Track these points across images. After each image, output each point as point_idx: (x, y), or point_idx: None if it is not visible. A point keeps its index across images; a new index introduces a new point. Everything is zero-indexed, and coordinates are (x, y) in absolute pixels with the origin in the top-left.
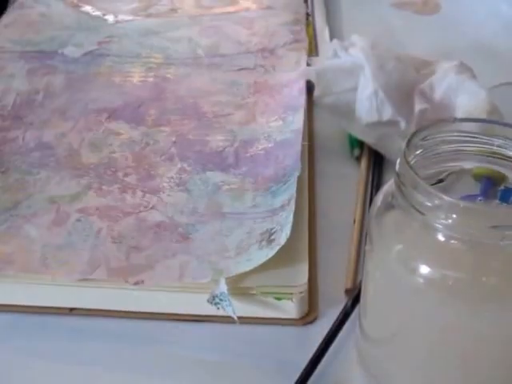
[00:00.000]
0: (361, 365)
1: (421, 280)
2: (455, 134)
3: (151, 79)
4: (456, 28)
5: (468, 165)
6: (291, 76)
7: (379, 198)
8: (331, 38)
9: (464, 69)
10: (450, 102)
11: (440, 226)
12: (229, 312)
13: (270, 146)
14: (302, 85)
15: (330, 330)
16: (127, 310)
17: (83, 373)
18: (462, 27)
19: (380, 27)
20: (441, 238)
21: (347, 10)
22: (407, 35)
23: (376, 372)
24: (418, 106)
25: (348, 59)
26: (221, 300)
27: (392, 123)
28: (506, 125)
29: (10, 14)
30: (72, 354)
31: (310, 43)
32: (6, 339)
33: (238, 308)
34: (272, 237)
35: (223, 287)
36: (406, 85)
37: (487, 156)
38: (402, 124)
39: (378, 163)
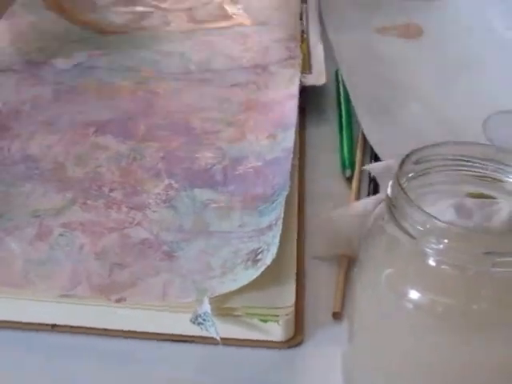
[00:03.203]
0: None
1: (410, 305)
2: (448, 157)
3: (141, 93)
4: (441, 49)
5: (460, 188)
6: (283, 94)
7: (370, 221)
8: (325, 55)
9: None
10: None
11: (431, 251)
12: (212, 333)
13: (259, 164)
14: (294, 103)
15: None
16: (109, 327)
17: None
18: (447, 48)
19: (367, 52)
20: (431, 262)
21: (332, 35)
22: (394, 59)
23: None
24: None
25: None
26: (204, 320)
27: None
28: (500, 149)
29: (0, 24)
30: (53, 371)
31: (303, 60)
32: None
33: (223, 329)
34: (258, 257)
35: (206, 307)
36: None
37: (480, 180)
38: None
39: (371, 186)
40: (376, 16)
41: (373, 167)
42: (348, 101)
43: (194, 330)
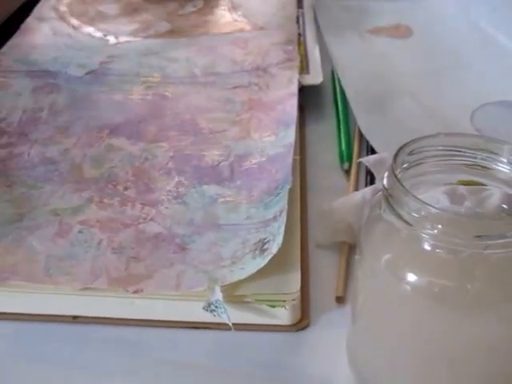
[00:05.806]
0: (352, 368)
1: (408, 287)
2: (440, 147)
3: (150, 97)
4: (430, 47)
5: (451, 177)
6: (284, 93)
7: (368, 210)
8: (321, 55)
9: None
10: None
11: (426, 236)
12: (224, 319)
13: (263, 160)
14: (294, 102)
15: None
16: (128, 317)
17: (86, 378)
18: (435, 46)
19: (360, 52)
20: (427, 247)
21: (327, 37)
22: (386, 58)
23: (367, 376)
24: None
25: None
26: (216, 307)
27: None
28: (488, 139)
29: (17, 36)
30: (75, 360)
31: (301, 62)
32: (11, 347)
33: (233, 315)
34: (265, 246)
35: (218, 295)
36: None
37: (471, 168)
38: None
39: (368, 176)
40: (367, 18)
41: (367, 160)
42: (344, 98)
43: (207, 317)
